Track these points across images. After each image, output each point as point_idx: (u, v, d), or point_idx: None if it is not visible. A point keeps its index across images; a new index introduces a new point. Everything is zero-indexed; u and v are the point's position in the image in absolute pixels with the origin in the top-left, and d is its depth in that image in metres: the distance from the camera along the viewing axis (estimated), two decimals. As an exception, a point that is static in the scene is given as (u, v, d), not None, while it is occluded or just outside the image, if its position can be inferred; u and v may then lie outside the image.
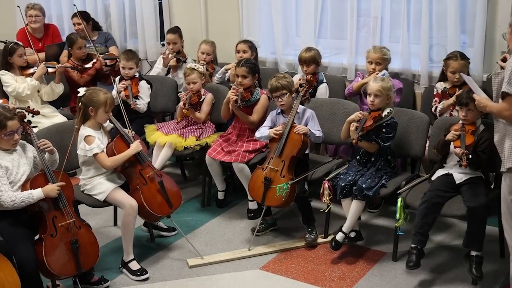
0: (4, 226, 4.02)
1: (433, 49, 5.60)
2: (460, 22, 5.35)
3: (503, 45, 5.17)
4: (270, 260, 4.69)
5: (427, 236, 4.28)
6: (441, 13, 5.46)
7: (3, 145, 4.04)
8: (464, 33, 5.44)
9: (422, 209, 4.21)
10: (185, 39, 6.50)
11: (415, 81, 5.69)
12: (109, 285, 4.45)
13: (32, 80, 6.10)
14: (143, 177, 4.60)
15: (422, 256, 4.22)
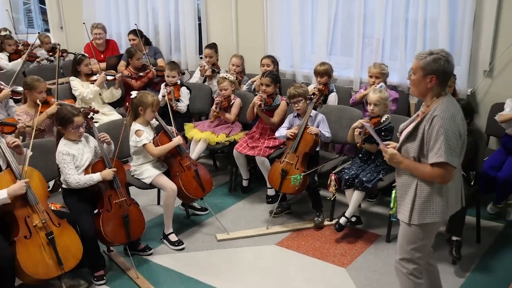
0: (71, 202, 4.16)
1: (426, 66, 5.51)
2: (449, 45, 5.29)
3: (485, 64, 5.15)
4: (284, 237, 4.69)
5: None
6: (433, 37, 5.44)
7: (70, 136, 4.14)
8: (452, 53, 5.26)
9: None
10: (219, 53, 6.50)
11: (410, 93, 5.61)
12: (152, 253, 4.49)
13: (94, 86, 6.15)
14: (181, 165, 4.64)
15: None
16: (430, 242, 3.10)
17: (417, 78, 2.92)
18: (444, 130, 2.78)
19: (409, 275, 3.08)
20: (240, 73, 6.17)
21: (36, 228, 3.64)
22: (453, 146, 2.80)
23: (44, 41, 7.99)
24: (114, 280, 4.13)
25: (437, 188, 2.91)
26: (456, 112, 2.85)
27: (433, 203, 2.93)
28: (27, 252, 3.57)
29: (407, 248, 3.07)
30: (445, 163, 2.79)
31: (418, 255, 3.05)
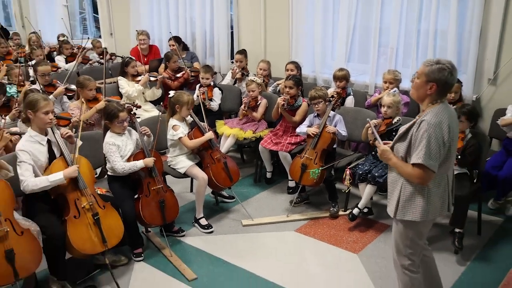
0: (115, 187, 4.21)
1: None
2: (457, 55, 5.22)
3: (490, 73, 5.07)
4: (302, 225, 4.66)
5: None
6: (443, 47, 5.36)
7: (116, 129, 4.18)
8: (459, 63, 5.27)
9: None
10: (248, 58, 6.49)
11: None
12: (184, 234, 4.51)
13: (138, 86, 6.17)
14: (212, 158, 4.64)
15: None
16: (420, 239, 2.99)
17: (420, 83, 2.82)
18: (427, 134, 2.68)
19: (405, 270, 3.02)
20: (266, 76, 6.16)
21: (84, 209, 3.67)
22: (433, 151, 2.69)
23: (95, 46, 8.09)
24: (151, 258, 4.15)
25: (419, 189, 2.82)
26: (445, 120, 2.72)
27: (414, 202, 2.84)
28: (76, 230, 3.60)
29: (400, 245, 3.00)
30: (423, 166, 2.70)
31: (410, 251, 2.97)
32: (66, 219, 3.62)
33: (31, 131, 3.76)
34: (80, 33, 9.93)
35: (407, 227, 2.93)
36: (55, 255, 3.63)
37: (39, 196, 3.70)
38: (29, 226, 3.48)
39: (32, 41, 8.28)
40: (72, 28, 9.54)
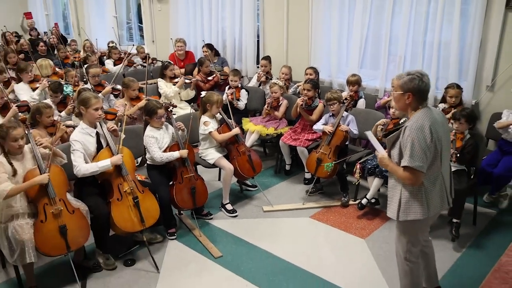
0: (153, 175, 4.24)
1: (439, 80, 5.39)
2: (458, 64, 5.14)
3: (488, 81, 5.00)
4: (316, 212, 4.64)
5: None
6: (446, 57, 5.27)
7: (154, 124, 4.23)
8: (460, 71, 5.20)
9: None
10: (272, 64, 6.48)
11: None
12: (212, 217, 4.53)
13: (175, 87, 6.21)
14: (238, 151, 4.65)
15: None
16: (421, 235, 2.95)
17: (397, 96, 2.77)
18: (411, 139, 2.63)
19: (405, 260, 2.98)
20: (288, 80, 6.14)
21: (126, 193, 3.73)
22: (418, 153, 2.62)
23: (139, 51, 8.17)
24: (182, 237, 4.20)
25: (416, 190, 2.75)
26: (426, 123, 2.64)
27: (414, 203, 2.77)
28: (118, 211, 3.67)
29: (401, 239, 2.96)
30: (410, 168, 2.64)
31: (411, 246, 2.93)
32: (110, 201, 3.70)
33: (83, 124, 3.85)
34: (126, 40, 10.04)
35: (410, 225, 2.87)
36: (100, 232, 3.71)
37: (88, 181, 3.78)
38: (79, 206, 3.57)
39: (86, 47, 8.43)
40: (120, 36, 9.65)
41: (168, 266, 3.77)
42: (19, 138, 3.37)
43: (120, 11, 10.06)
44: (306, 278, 3.61)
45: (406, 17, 5.46)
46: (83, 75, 6.39)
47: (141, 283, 3.57)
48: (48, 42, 8.90)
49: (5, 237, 3.30)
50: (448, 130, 2.87)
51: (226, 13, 7.48)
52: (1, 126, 3.41)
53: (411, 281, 3.01)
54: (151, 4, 8.88)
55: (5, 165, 3.34)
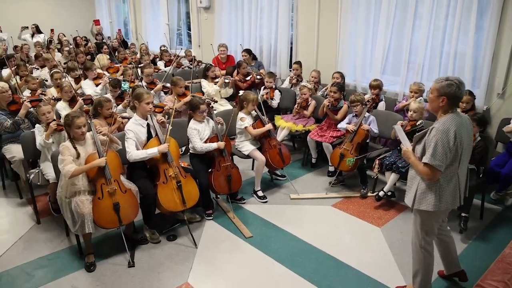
0: (194, 162, 4.25)
1: (454, 86, 5.17)
2: (472, 72, 4.95)
3: (499, 89, 4.82)
4: (338, 201, 4.58)
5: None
6: (461, 66, 5.07)
7: (197, 118, 4.23)
8: (474, 79, 4.99)
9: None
10: (303, 68, 6.40)
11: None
12: (245, 202, 4.52)
13: (216, 86, 6.21)
14: (270, 144, 4.62)
15: None
16: (434, 226, 2.86)
17: (432, 97, 2.68)
18: (435, 139, 2.56)
19: (419, 247, 2.90)
20: (317, 83, 6.05)
21: (170, 177, 3.77)
22: (439, 154, 2.56)
23: (187, 54, 8.23)
24: (218, 218, 4.21)
25: (431, 185, 2.69)
26: (452, 127, 2.56)
27: (428, 196, 2.71)
28: (163, 193, 3.71)
29: (416, 229, 2.89)
30: (430, 165, 2.59)
31: (424, 235, 2.86)
32: (157, 183, 3.74)
33: (136, 116, 3.90)
34: (176, 44, 10.15)
35: (422, 215, 2.82)
36: (148, 210, 3.76)
37: (139, 165, 3.84)
38: (131, 187, 3.62)
39: (142, 50, 8.56)
40: (170, 40, 9.76)
41: (205, 243, 3.79)
42: (81, 126, 3.46)
43: (172, 19, 10.16)
44: (325, 259, 3.56)
45: (425, 30, 5.29)
46: (138, 74, 6.50)
47: (181, 256, 3.61)
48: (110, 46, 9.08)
49: (69, 210, 3.40)
50: (471, 136, 2.76)
51: (264, 22, 7.43)
52: (67, 115, 3.50)
53: (423, 267, 2.93)
54: (199, 13, 8.93)
55: (71, 149, 3.43)
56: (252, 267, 3.47)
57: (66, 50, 8.38)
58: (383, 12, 5.70)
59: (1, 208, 4.48)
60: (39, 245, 3.78)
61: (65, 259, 3.59)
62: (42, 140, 3.98)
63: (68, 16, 12.03)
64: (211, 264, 3.50)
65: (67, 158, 3.35)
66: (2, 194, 4.82)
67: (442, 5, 5.10)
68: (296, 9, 6.89)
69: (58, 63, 7.25)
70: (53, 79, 5.77)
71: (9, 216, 4.32)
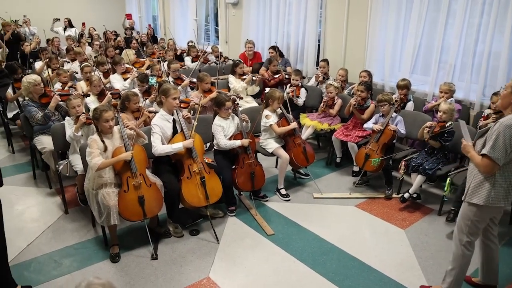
0: (218, 159, 4.27)
1: (486, 88, 5.04)
2: (507, 74, 4.79)
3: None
4: (361, 202, 4.54)
5: (463, 204, 3.93)
6: (495, 66, 4.92)
7: (222, 114, 4.25)
8: (508, 80, 4.80)
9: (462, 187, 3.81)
10: (330, 66, 6.34)
11: (471, 107, 5.16)
12: (268, 200, 4.53)
13: (243, 83, 6.23)
14: (294, 143, 4.61)
15: (457, 215, 3.80)
16: (480, 223, 2.82)
17: (506, 93, 2.69)
18: (497, 132, 2.58)
19: (461, 245, 2.87)
20: (344, 81, 5.99)
21: (194, 173, 3.81)
22: (499, 147, 2.57)
23: (214, 50, 8.29)
24: (241, 214, 4.24)
25: (487, 178, 2.70)
26: None
27: (481, 189, 2.71)
28: (187, 188, 3.76)
29: (461, 223, 2.86)
30: (488, 156, 2.60)
31: (468, 230, 2.82)
32: (181, 178, 3.79)
33: (162, 111, 3.96)
34: (204, 40, 10.22)
35: (471, 209, 2.79)
36: (172, 204, 3.83)
37: (164, 160, 3.90)
38: (155, 181, 3.69)
39: (170, 45, 8.67)
40: (198, 36, 9.84)
41: (227, 239, 3.83)
42: (109, 120, 3.54)
43: (200, 15, 10.24)
44: (347, 260, 3.54)
45: (458, 28, 5.15)
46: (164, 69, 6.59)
47: (203, 251, 3.66)
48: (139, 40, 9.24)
49: (96, 202, 3.49)
50: None
51: (292, 18, 7.39)
52: (96, 109, 3.59)
53: (460, 265, 2.91)
54: (227, 9, 8.96)
55: (98, 142, 3.52)
56: (273, 265, 3.49)
57: (96, 44, 8.58)
58: (414, 10, 5.58)
59: (31, 197, 4.64)
60: (67, 234, 3.91)
61: (91, 249, 3.70)
62: (72, 133, 4.10)
63: (99, 10, 12.30)
64: (232, 260, 3.54)
65: (95, 151, 3.44)
66: (33, 183, 4.99)
67: (477, 2, 4.96)
68: (325, 6, 6.83)
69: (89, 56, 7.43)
70: (83, 72, 5.92)
71: (39, 205, 4.47)
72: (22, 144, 6.23)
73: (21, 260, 3.51)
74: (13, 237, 3.09)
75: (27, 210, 4.36)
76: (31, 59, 7.64)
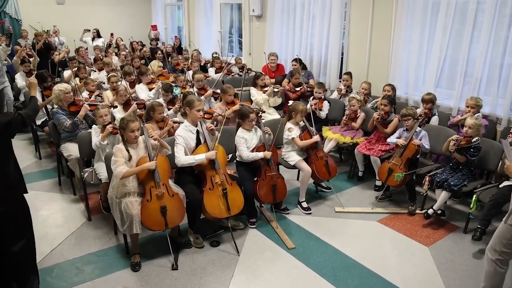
0: (240, 170, 4.24)
1: (514, 103, 4.91)
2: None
3: None
4: (384, 217, 4.45)
5: (490, 222, 3.82)
6: (523, 81, 4.80)
7: (246, 126, 4.25)
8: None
9: (489, 205, 3.77)
10: (353, 79, 6.31)
11: (498, 122, 5.03)
12: (289, 212, 4.49)
13: (265, 95, 6.22)
14: (317, 156, 4.57)
15: (483, 234, 3.81)
16: None
17: None
18: None
19: (493, 262, 2.78)
20: (367, 95, 5.92)
21: (217, 184, 3.80)
22: None
23: (237, 62, 8.32)
24: (261, 227, 4.21)
25: None
26: None
27: None
28: (209, 199, 3.76)
29: (497, 240, 2.78)
30: None
31: (503, 250, 2.73)
32: (203, 189, 3.79)
33: (186, 122, 3.99)
34: (227, 51, 10.30)
35: (510, 230, 2.70)
36: (193, 215, 3.81)
37: (187, 170, 3.91)
38: (178, 191, 3.69)
39: (194, 56, 8.75)
40: (222, 48, 9.92)
41: (247, 251, 3.80)
42: (135, 130, 3.58)
43: (224, 27, 10.33)
44: (369, 276, 3.46)
45: (485, 41, 5.04)
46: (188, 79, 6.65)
47: (223, 263, 3.63)
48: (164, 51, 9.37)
49: (119, 210, 3.52)
50: None
51: (316, 31, 7.38)
52: (122, 119, 3.64)
53: (491, 283, 2.82)
54: (251, 22, 9.03)
55: (123, 151, 3.55)
56: (293, 279, 3.43)
57: (122, 54, 8.74)
58: (439, 22, 5.50)
59: (56, 203, 4.72)
60: (89, 241, 3.94)
61: (112, 257, 3.72)
62: (98, 141, 4.16)
63: (127, 21, 12.58)
64: (253, 273, 3.50)
65: (120, 160, 3.47)
66: (58, 189, 5.07)
67: (504, 14, 4.85)
68: (348, 18, 6.80)
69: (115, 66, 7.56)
70: (110, 82, 6.02)
71: (63, 211, 4.53)
72: (49, 150, 6.36)
73: (44, 266, 3.55)
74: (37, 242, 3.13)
75: (51, 216, 4.43)
76: (60, 68, 7.83)
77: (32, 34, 9.88)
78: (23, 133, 7.12)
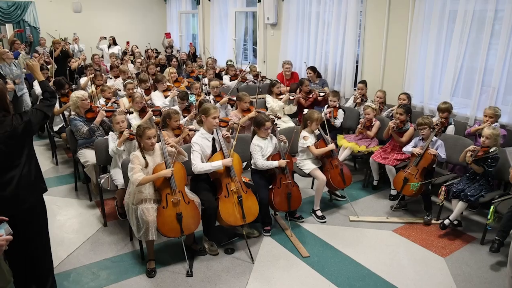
0: (256, 178, 4.27)
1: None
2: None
3: None
4: (399, 227, 4.43)
5: (508, 233, 3.78)
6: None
7: (261, 134, 4.28)
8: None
9: (508, 216, 3.74)
10: (368, 87, 6.31)
11: (516, 132, 4.99)
12: (303, 221, 4.50)
13: (280, 103, 6.23)
14: (331, 164, 4.57)
15: (501, 246, 3.77)
16: None
17: None
18: None
19: (510, 278, 2.77)
20: (382, 103, 5.91)
21: (232, 192, 3.84)
22: None
23: (252, 69, 8.36)
24: (276, 235, 4.22)
25: None
26: None
27: None
28: (224, 206, 3.79)
29: None
30: None
31: None
32: (219, 197, 3.83)
33: (202, 130, 4.04)
34: (242, 59, 10.36)
35: None
36: (208, 222, 3.85)
37: (203, 178, 3.95)
38: (193, 198, 3.74)
39: (208, 64, 8.83)
40: (236, 55, 9.99)
41: (262, 259, 3.81)
42: (152, 137, 3.64)
43: (239, 35, 10.42)
44: (384, 286, 3.44)
45: (502, 50, 5.01)
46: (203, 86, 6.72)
47: (237, 270, 3.65)
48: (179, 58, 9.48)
49: (135, 216, 3.57)
50: None
51: (330, 38, 7.40)
52: (139, 126, 3.70)
53: None
54: (265, 30, 9.10)
55: (140, 158, 3.61)
56: (308, 288, 3.44)
57: (138, 62, 8.86)
58: (456, 31, 5.48)
59: (72, 209, 4.80)
60: (105, 247, 4.00)
61: (128, 262, 3.76)
62: (115, 147, 4.23)
63: (142, 29, 12.78)
64: (267, 281, 3.51)
65: (136, 167, 3.53)
66: (74, 195, 5.16)
67: (522, 22, 4.84)
68: (363, 26, 6.82)
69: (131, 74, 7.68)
70: (126, 89, 6.11)
71: (79, 217, 4.61)
72: (66, 156, 6.47)
73: (61, 270, 3.62)
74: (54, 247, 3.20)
75: (68, 221, 4.50)
76: (77, 75, 7.97)
77: (50, 41, 10.09)
78: (41, 139, 7.26)
